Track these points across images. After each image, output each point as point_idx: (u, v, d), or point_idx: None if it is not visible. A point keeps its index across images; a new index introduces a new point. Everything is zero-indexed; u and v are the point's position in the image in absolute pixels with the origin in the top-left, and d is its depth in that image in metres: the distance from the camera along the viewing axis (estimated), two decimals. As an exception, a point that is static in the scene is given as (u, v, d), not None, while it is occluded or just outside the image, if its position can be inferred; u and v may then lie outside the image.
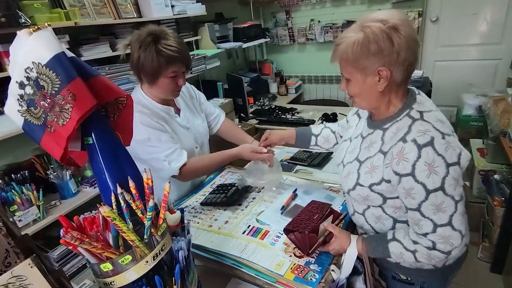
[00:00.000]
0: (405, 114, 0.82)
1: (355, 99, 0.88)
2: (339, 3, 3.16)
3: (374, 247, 0.90)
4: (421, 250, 0.82)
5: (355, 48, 0.77)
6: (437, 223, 0.78)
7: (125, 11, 1.87)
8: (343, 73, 0.84)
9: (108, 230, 0.61)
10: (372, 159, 0.86)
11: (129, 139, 0.70)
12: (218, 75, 3.00)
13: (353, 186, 0.91)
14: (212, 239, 1.04)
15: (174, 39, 1.09)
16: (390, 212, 0.90)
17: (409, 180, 0.77)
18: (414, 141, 0.76)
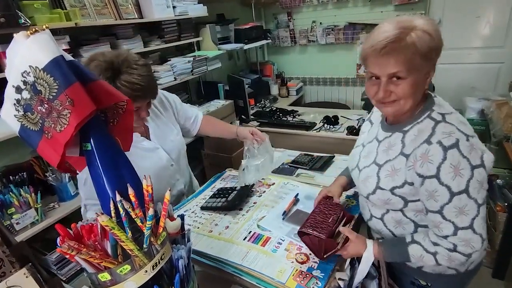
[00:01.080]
0: (426, 116, 0.82)
1: (401, 101, 0.80)
2: (341, 5, 3.15)
3: (392, 251, 0.89)
4: (441, 252, 0.80)
5: (430, 38, 0.74)
6: (458, 226, 0.77)
7: (126, 11, 1.86)
8: (400, 70, 0.76)
9: (107, 239, 0.59)
10: (393, 162, 0.85)
11: (128, 144, 0.68)
12: (219, 77, 2.98)
13: (373, 190, 0.89)
14: (212, 245, 1.03)
15: (137, 72, 0.96)
16: (411, 215, 0.89)
17: (433, 182, 0.76)
18: (439, 143, 0.75)
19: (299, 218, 1.11)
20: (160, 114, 1.27)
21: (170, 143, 1.25)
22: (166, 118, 1.29)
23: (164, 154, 1.23)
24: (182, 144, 1.34)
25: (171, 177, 1.28)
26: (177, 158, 1.29)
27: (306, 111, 2.80)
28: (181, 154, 1.34)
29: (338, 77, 3.43)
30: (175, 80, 2.15)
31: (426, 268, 0.91)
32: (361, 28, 3.12)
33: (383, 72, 0.78)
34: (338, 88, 3.49)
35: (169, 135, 1.27)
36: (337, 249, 0.89)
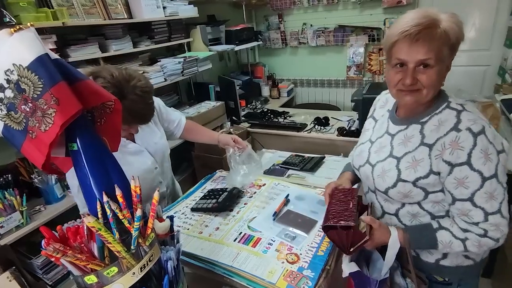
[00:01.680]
0: (445, 106, 0.83)
1: (424, 90, 0.80)
2: (331, 8, 3.18)
3: (418, 237, 0.87)
4: (472, 238, 0.80)
5: (459, 28, 0.75)
6: (488, 212, 0.78)
7: (115, 11, 1.84)
8: (430, 57, 0.75)
9: (93, 241, 0.58)
10: (413, 153, 0.85)
11: (116, 144, 0.67)
12: (210, 78, 2.97)
13: (393, 184, 0.88)
14: (202, 247, 1.02)
15: (141, 99, 0.97)
16: (428, 207, 0.88)
17: (463, 169, 0.77)
18: (469, 130, 0.76)
19: (290, 219, 1.12)
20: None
21: (154, 146, 1.26)
22: (152, 121, 1.28)
23: (149, 156, 1.23)
24: (166, 147, 1.34)
25: (154, 180, 1.27)
26: (161, 161, 1.29)
27: (297, 112, 2.81)
28: (165, 157, 1.34)
29: (329, 78, 3.46)
30: (165, 81, 2.13)
31: (445, 261, 0.91)
32: (350, 30, 3.16)
33: (413, 58, 0.76)
34: (329, 89, 3.52)
35: (153, 137, 1.27)
36: (366, 239, 0.85)
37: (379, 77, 3.21)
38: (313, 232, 1.04)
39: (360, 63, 3.22)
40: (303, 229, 1.06)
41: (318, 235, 1.03)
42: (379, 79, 3.22)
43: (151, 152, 1.23)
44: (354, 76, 3.31)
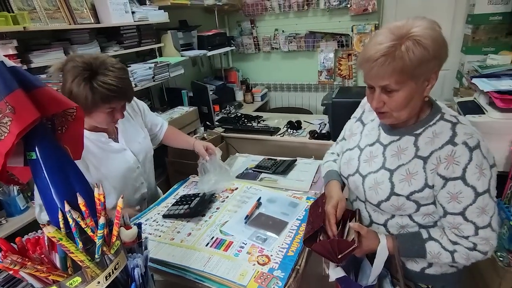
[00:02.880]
0: (438, 118, 0.81)
1: (394, 113, 0.79)
2: (301, 14, 3.27)
3: (408, 246, 0.86)
4: (461, 251, 0.81)
5: (421, 50, 0.70)
6: (479, 226, 0.78)
7: (81, 16, 1.79)
8: (389, 83, 0.74)
9: (55, 251, 0.57)
10: (407, 166, 0.83)
11: (79, 153, 0.66)
12: (183, 83, 2.95)
13: (386, 197, 0.86)
14: (173, 253, 1.01)
15: (114, 74, 0.99)
16: (418, 219, 0.88)
17: (457, 184, 0.76)
18: (465, 144, 0.75)
19: (261, 221, 1.14)
20: (129, 117, 1.30)
21: (137, 145, 1.28)
22: (135, 121, 1.32)
23: (131, 155, 1.24)
24: (150, 148, 1.37)
25: (136, 180, 1.28)
26: (143, 161, 1.31)
27: (270, 116, 2.85)
28: (148, 158, 1.36)
29: (301, 83, 3.54)
30: (135, 86, 2.09)
31: (430, 270, 0.92)
32: (321, 36, 3.26)
33: (375, 83, 0.78)
34: (301, 93, 3.60)
35: (137, 137, 1.29)
36: (354, 246, 0.84)
37: (348, 81, 3.33)
38: (284, 233, 1.07)
39: (331, 68, 3.32)
40: (274, 231, 1.08)
41: (288, 236, 1.05)
42: (349, 83, 3.34)
43: (134, 151, 1.25)
44: (325, 80, 3.40)
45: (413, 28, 0.72)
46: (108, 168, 1.16)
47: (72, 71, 0.96)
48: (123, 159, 1.21)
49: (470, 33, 2.47)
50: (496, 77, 1.76)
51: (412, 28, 0.72)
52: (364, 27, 3.01)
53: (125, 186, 1.23)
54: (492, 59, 2.08)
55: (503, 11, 2.29)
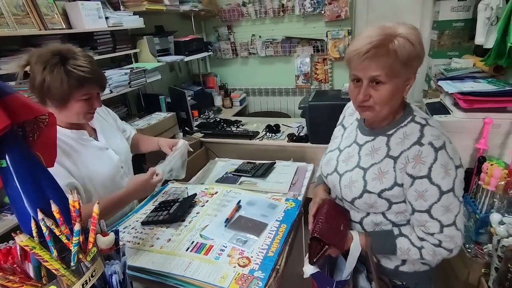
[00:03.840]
0: (410, 120, 0.86)
1: (377, 107, 0.82)
2: (277, 20, 3.33)
3: (380, 243, 0.91)
4: (427, 247, 0.85)
5: (412, 47, 0.75)
6: (444, 224, 0.82)
7: (52, 21, 1.74)
8: (380, 74, 0.77)
9: (28, 261, 0.55)
10: (379, 165, 0.87)
11: (52, 160, 0.65)
12: (160, 89, 2.92)
13: (359, 194, 0.90)
14: (153, 260, 1.00)
15: (84, 58, 0.99)
16: (391, 217, 0.92)
17: (423, 182, 0.80)
18: (431, 144, 0.80)
19: (241, 224, 1.15)
20: (103, 119, 1.28)
21: (117, 145, 1.26)
22: (109, 123, 1.31)
23: (114, 154, 1.22)
24: (128, 149, 1.35)
25: (122, 179, 1.26)
26: (126, 160, 1.30)
27: (249, 120, 2.88)
28: (128, 158, 1.34)
29: (279, 87, 3.60)
30: (111, 92, 2.06)
31: (404, 268, 0.96)
32: (297, 41, 3.33)
33: (364, 75, 0.80)
34: (279, 98, 3.65)
35: (115, 137, 1.28)
36: (326, 248, 0.88)
37: (325, 85, 3.42)
38: (264, 234, 1.08)
39: (307, 72, 3.40)
40: (254, 232, 1.09)
41: (268, 237, 1.07)
42: (325, 87, 3.43)
43: (115, 150, 1.23)
44: (303, 84, 3.48)
45: (400, 29, 0.77)
46: (95, 166, 1.13)
47: (41, 60, 0.94)
48: (107, 157, 1.19)
49: (436, 38, 2.61)
50: (460, 80, 1.88)
51: (398, 29, 0.78)
52: (338, 33, 3.11)
53: (114, 185, 1.20)
54: (456, 63, 2.21)
55: (465, 18, 2.44)
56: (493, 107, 1.51)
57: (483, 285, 1.23)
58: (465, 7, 2.42)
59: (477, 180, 1.44)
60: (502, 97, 1.51)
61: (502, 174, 1.31)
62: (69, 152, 1.07)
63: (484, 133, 1.52)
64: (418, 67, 0.82)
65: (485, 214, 1.35)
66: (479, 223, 1.36)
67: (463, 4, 2.42)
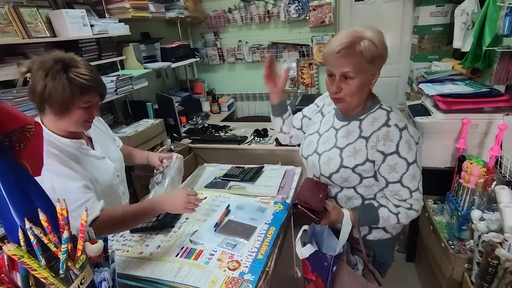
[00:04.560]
0: (378, 107, 1.02)
1: (347, 98, 0.97)
2: (263, 26, 3.37)
3: (366, 216, 1.05)
4: (402, 212, 1.02)
5: (375, 48, 0.90)
6: (412, 189, 1.00)
7: (36, 30, 1.73)
8: (350, 71, 0.92)
9: (16, 270, 0.55)
10: (354, 145, 1.02)
11: (39, 168, 0.65)
12: (148, 96, 2.91)
13: (336, 169, 1.04)
14: (143, 267, 1.00)
15: (86, 67, 1.00)
16: (361, 191, 1.08)
17: (394, 157, 0.96)
18: (396, 126, 0.96)
19: (231, 228, 1.16)
20: (97, 128, 1.28)
21: (112, 153, 1.26)
22: (103, 132, 1.31)
23: (111, 163, 1.22)
24: (122, 157, 1.34)
25: (119, 188, 1.26)
26: (121, 169, 1.29)
27: (237, 125, 2.89)
28: (123, 167, 1.34)
29: (266, 92, 3.58)
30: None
31: (370, 236, 1.13)
32: (283, 47, 3.38)
33: (337, 70, 0.95)
34: (267, 102, 3.68)
35: (110, 146, 1.28)
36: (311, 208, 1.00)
37: (311, 89, 3.47)
38: (253, 238, 1.10)
39: (294, 77, 3.44)
40: (244, 236, 1.10)
41: (257, 240, 1.08)
42: (312, 91, 3.48)
43: (110, 159, 1.23)
44: (290, 89, 3.52)
45: (366, 33, 0.92)
46: (95, 175, 1.12)
47: (43, 67, 0.94)
48: (105, 166, 1.19)
49: (416, 43, 2.70)
50: (440, 82, 1.95)
51: (365, 32, 0.93)
52: (322, 38, 3.18)
53: (112, 193, 1.20)
54: (436, 66, 2.29)
55: (443, 23, 2.54)
56: (470, 108, 1.57)
57: (467, 279, 1.27)
58: (443, 12, 2.52)
59: (458, 178, 1.50)
60: (478, 98, 1.58)
61: (481, 172, 1.37)
62: (74, 159, 1.07)
63: (463, 133, 1.58)
64: (382, 64, 0.97)
65: (466, 211, 1.40)
66: (461, 220, 1.41)
67: (441, 10, 2.52)
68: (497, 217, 1.26)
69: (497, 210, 1.26)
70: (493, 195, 1.33)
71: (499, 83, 1.56)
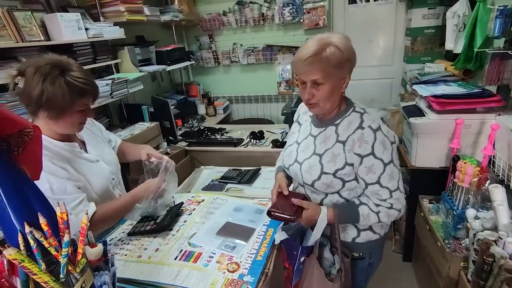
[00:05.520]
0: (352, 110, 1.04)
1: (320, 103, 0.99)
2: (258, 29, 3.39)
3: (346, 213, 1.05)
4: (383, 211, 1.02)
5: (340, 53, 0.93)
6: (391, 189, 1.00)
7: (30, 33, 1.72)
8: (318, 78, 0.94)
9: (15, 275, 0.55)
10: (332, 150, 1.03)
11: (38, 172, 0.64)
12: (143, 99, 2.90)
13: (318, 176, 1.04)
14: (142, 270, 1.00)
15: (80, 70, 1.00)
16: (345, 195, 1.08)
17: (370, 158, 0.97)
18: (370, 127, 0.97)
19: (229, 230, 1.16)
20: (89, 131, 1.27)
21: (107, 156, 1.26)
22: (96, 135, 1.30)
23: (106, 166, 1.21)
24: (117, 160, 1.34)
25: (115, 191, 1.25)
26: (116, 172, 1.28)
27: (233, 128, 2.90)
28: (119, 170, 1.33)
29: (262, 94, 3.64)
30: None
31: (359, 239, 1.12)
32: (277, 49, 3.40)
33: (307, 78, 0.97)
34: (262, 104, 3.70)
35: (104, 149, 1.27)
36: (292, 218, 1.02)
37: (306, 91, 3.49)
38: (252, 239, 1.10)
39: (289, 79, 3.46)
40: (242, 238, 1.11)
41: (256, 241, 1.09)
42: (307, 93, 3.50)
43: (105, 162, 1.22)
44: (285, 91, 3.54)
45: (332, 38, 0.95)
46: (89, 177, 1.13)
47: (40, 71, 0.93)
48: (99, 169, 1.19)
49: (409, 45, 2.74)
50: (433, 83, 1.97)
51: (331, 38, 0.95)
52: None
53: (109, 196, 1.20)
54: (429, 67, 2.32)
55: (435, 25, 2.58)
56: (463, 109, 1.60)
57: (463, 278, 1.29)
58: (435, 14, 2.56)
59: (453, 178, 1.52)
60: (471, 99, 1.60)
61: (475, 172, 1.39)
62: (68, 161, 1.07)
63: (456, 133, 1.60)
64: (351, 68, 1.00)
65: (461, 210, 1.42)
66: (457, 219, 1.43)
67: (433, 12, 2.56)
68: (491, 216, 1.28)
69: (491, 208, 1.28)
70: (487, 193, 1.35)
71: (490, 84, 1.58)
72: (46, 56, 1.00)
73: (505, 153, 1.43)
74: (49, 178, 0.98)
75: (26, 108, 1.00)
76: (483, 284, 1.14)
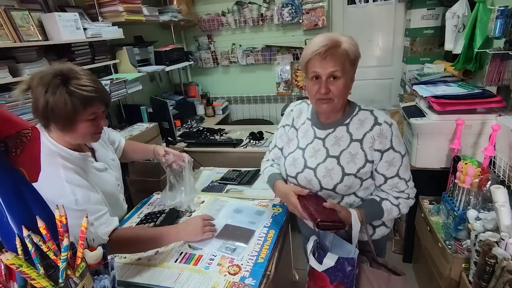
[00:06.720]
0: (358, 109, 1.05)
1: (335, 99, 0.97)
2: (257, 29, 3.38)
3: (371, 211, 1.05)
4: (402, 202, 1.05)
5: (356, 47, 0.95)
6: (407, 180, 1.04)
7: (28, 33, 1.70)
8: (337, 69, 0.93)
9: (13, 280, 0.54)
10: (349, 150, 1.02)
11: (36, 175, 0.63)
12: (142, 99, 2.89)
13: (340, 179, 1.02)
14: (141, 273, 0.98)
15: (87, 77, 0.96)
16: (361, 194, 1.08)
17: (390, 153, 1.00)
18: (386, 122, 1.00)
19: (229, 232, 1.15)
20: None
21: (112, 162, 1.24)
22: (103, 140, 1.26)
23: (113, 173, 1.20)
24: (119, 164, 1.32)
25: (120, 196, 1.24)
26: (120, 177, 1.27)
27: (232, 129, 2.88)
28: (120, 174, 1.31)
29: (261, 95, 3.64)
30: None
31: (375, 236, 1.13)
32: (276, 50, 3.39)
33: (324, 71, 0.94)
34: (261, 105, 3.69)
35: (109, 155, 1.25)
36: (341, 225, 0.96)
37: (305, 92, 3.48)
38: (252, 241, 1.09)
39: (288, 80, 3.46)
40: (243, 240, 1.10)
41: (257, 243, 1.07)
42: (306, 94, 3.49)
43: (111, 168, 1.21)
44: (284, 91, 3.53)
45: (342, 38, 0.95)
46: (100, 187, 1.10)
47: (42, 82, 0.91)
48: (108, 177, 1.17)
49: (408, 45, 2.73)
50: (433, 84, 1.97)
51: (340, 36, 0.95)
52: (316, 41, 3.20)
53: (115, 202, 1.19)
54: (428, 68, 2.32)
55: (434, 26, 2.58)
56: (464, 109, 1.59)
57: (464, 279, 1.28)
58: (434, 15, 2.56)
59: (453, 179, 1.51)
60: (472, 99, 1.60)
61: (476, 172, 1.38)
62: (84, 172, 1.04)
63: (457, 134, 1.60)
64: (356, 68, 1.00)
65: (462, 211, 1.41)
66: (458, 220, 1.42)
67: (432, 13, 2.56)
68: (493, 217, 1.27)
69: (493, 209, 1.28)
70: (488, 194, 1.35)
71: (491, 84, 1.58)
72: (52, 66, 0.97)
73: (506, 154, 1.43)
74: (75, 189, 0.94)
75: (40, 123, 0.97)
76: (485, 286, 1.13)
